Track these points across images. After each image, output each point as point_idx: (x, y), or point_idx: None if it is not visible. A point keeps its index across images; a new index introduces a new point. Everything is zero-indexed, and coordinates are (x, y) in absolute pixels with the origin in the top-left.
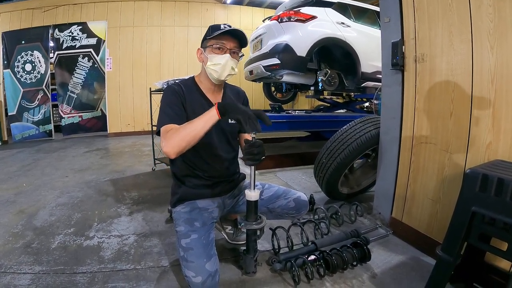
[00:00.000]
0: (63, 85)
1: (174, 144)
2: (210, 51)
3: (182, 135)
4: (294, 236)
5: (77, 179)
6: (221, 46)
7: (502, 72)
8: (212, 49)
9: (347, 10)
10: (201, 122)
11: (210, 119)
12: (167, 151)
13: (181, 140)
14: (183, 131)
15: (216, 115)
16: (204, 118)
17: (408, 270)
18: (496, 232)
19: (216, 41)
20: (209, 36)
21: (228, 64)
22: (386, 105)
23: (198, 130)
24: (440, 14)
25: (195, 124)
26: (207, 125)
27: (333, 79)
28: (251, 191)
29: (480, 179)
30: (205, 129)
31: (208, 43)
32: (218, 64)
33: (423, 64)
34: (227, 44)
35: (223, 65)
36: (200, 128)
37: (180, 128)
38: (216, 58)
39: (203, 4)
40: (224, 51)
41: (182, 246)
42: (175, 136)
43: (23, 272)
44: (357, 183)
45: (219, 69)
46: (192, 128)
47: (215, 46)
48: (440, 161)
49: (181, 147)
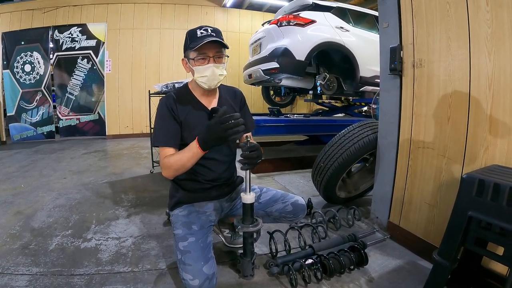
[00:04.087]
0: (62, 87)
1: (169, 173)
2: (194, 63)
3: (174, 167)
4: (292, 240)
5: (75, 180)
6: (203, 57)
7: (499, 77)
8: (195, 61)
9: (346, 15)
10: (187, 156)
11: (195, 155)
12: (165, 176)
13: (174, 171)
14: (174, 164)
15: (198, 151)
16: (188, 154)
17: (405, 274)
18: (493, 236)
19: (197, 53)
20: (189, 48)
21: (215, 73)
22: (384, 110)
23: (187, 165)
24: (438, 19)
25: (183, 159)
26: (193, 159)
27: (332, 83)
28: (247, 194)
29: (477, 184)
30: (193, 161)
31: (190, 55)
32: (205, 76)
33: (421, 69)
34: (209, 52)
35: (209, 76)
36: (188, 162)
37: (171, 160)
38: (201, 70)
39: (203, 7)
40: (207, 61)
41: (180, 249)
42: (169, 167)
43: (21, 274)
44: (355, 187)
45: (207, 80)
46: (181, 163)
47: (197, 58)
48: (437, 166)
49: (176, 174)
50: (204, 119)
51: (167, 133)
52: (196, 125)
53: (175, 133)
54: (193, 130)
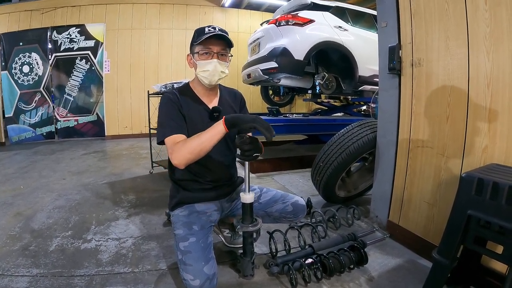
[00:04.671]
0: (60, 88)
1: (183, 157)
2: (198, 57)
3: (190, 148)
4: (292, 240)
5: (74, 181)
6: (208, 51)
7: (498, 76)
8: (199, 55)
9: (345, 14)
10: (208, 136)
11: (218, 134)
12: (177, 163)
13: (189, 153)
14: (191, 145)
15: (223, 129)
16: (211, 132)
17: (405, 273)
18: (492, 235)
19: (202, 46)
20: (195, 42)
21: (217, 69)
22: (383, 109)
23: (205, 144)
24: (436, 19)
25: (202, 138)
26: (215, 139)
27: (331, 83)
28: (246, 193)
29: (476, 183)
30: (213, 143)
31: (195, 49)
32: (207, 70)
33: (420, 69)
34: (214, 48)
35: (212, 71)
36: (208, 142)
37: (188, 142)
38: (204, 64)
39: (202, 7)
40: (211, 56)
41: (180, 249)
42: (183, 149)
43: (21, 275)
44: (354, 187)
45: (209, 75)
46: (199, 142)
47: (201, 52)
48: (436, 165)
49: (190, 160)
50: (205, 117)
51: (175, 122)
52: (198, 122)
53: (182, 123)
54: (195, 127)
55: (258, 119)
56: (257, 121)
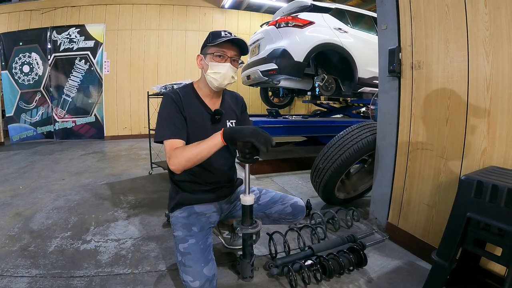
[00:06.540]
0: (59, 88)
1: (180, 163)
2: (211, 58)
3: (187, 157)
4: (291, 241)
5: (73, 182)
6: (222, 54)
7: (497, 79)
8: (213, 56)
9: (345, 16)
10: (206, 146)
11: (215, 146)
12: (174, 169)
13: (186, 161)
14: (188, 153)
15: (220, 143)
16: (209, 143)
17: (404, 275)
18: (491, 237)
19: (217, 49)
20: (210, 43)
21: (228, 73)
22: (382, 111)
23: (203, 155)
24: (436, 21)
25: (199, 148)
26: (212, 151)
27: (330, 85)
28: (246, 195)
29: (475, 186)
30: (210, 154)
31: (209, 50)
32: (218, 72)
33: (420, 71)
34: (228, 52)
35: (223, 73)
36: (205, 153)
37: (186, 150)
38: (216, 66)
39: (201, 8)
40: (224, 59)
41: (180, 251)
42: (180, 157)
43: (20, 276)
44: (353, 188)
45: (220, 77)
46: (197, 152)
47: (216, 54)
48: (436, 167)
49: (186, 167)
50: (206, 120)
51: (175, 126)
52: (199, 124)
53: (182, 126)
54: (196, 129)
55: (256, 133)
56: (255, 136)
